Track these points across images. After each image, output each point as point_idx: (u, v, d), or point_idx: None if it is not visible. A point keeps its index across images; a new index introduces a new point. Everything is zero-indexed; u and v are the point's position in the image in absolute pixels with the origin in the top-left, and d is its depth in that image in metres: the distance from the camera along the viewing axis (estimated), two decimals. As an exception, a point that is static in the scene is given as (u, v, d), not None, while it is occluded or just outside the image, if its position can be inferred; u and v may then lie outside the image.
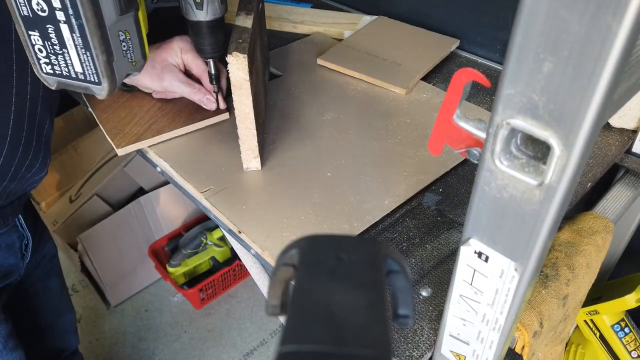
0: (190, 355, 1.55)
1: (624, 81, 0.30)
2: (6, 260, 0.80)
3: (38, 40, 0.48)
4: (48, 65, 0.50)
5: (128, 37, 0.52)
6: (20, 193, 0.77)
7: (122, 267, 1.63)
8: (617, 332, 0.94)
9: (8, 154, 0.68)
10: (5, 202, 0.74)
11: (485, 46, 1.01)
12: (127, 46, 0.52)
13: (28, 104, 0.68)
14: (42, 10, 0.45)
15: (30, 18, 0.46)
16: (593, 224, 0.73)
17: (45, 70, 0.50)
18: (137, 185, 1.64)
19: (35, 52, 0.49)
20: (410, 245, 0.63)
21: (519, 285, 0.37)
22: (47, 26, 0.46)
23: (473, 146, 0.37)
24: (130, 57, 0.54)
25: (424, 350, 0.52)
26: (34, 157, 0.73)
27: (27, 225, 0.82)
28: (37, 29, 0.47)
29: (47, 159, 0.78)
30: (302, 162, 0.73)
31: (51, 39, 0.47)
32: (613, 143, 0.80)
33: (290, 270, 0.28)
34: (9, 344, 0.81)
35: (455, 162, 0.74)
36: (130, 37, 0.52)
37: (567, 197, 0.30)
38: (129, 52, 0.53)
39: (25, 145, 0.70)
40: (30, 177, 0.75)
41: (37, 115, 0.71)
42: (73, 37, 0.47)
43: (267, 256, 0.60)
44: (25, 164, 0.72)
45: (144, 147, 0.76)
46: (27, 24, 0.47)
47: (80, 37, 0.47)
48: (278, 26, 1.10)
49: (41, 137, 0.74)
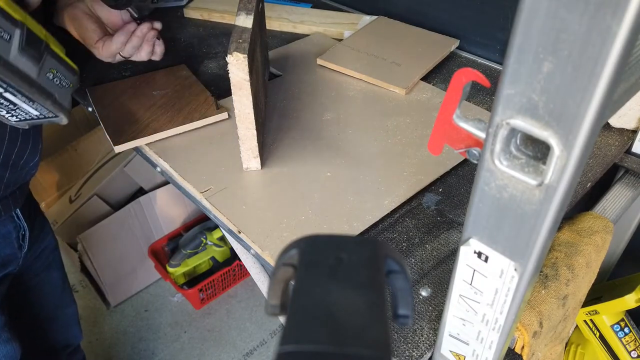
0: (190, 355, 1.55)
1: (624, 81, 0.30)
2: (3, 250, 0.80)
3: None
4: (13, 117, 0.61)
5: (56, 72, 0.62)
6: (20, 182, 0.77)
7: (122, 267, 1.63)
8: (617, 332, 0.94)
9: None
10: (5, 193, 0.75)
11: (485, 46, 1.02)
12: (59, 79, 0.63)
13: None
14: None
15: None
16: (593, 224, 0.73)
17: (13, 121, 0.62)
18: (137, 185, 1.64)
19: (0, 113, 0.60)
20: (410, 245, 0.63)
21: (518, 285, 0.37)
22: None
23: (473, 146, 0.37)
24: (66, 84, 0.64)
25: (423, 350, 0.52)
26: (24, 142, 0.74)
27: (24, 216, 0.83)
28: None
29: (38, 144, 0.79)
30: (302, 162, 0.73)
31: (3, 103, 0.58)
32: (613, 143, 0.80)
33: (290, 270, 0.28)
34: (3, 336, 0.82)
35: (455, 162, 0.74)
36: (57, 71, 0.62)
37: (566, 197, 0.30)
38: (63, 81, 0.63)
39: (11, 132, 0.71)
40: (23, 164, 0.76)
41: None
42: (18, 98, 0.58)
43: (267, 256, 0.60)
44: (14, 151, 0.73)
45: (142, 144, 0.76)
46: None
47: (23, 97, 0.58)
48: (278, 26, 1.10)
49: None
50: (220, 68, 0.96)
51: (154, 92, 0.85)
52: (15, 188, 0.77)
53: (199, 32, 1.09)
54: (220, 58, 0.99)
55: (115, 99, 0.83)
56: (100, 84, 0.88)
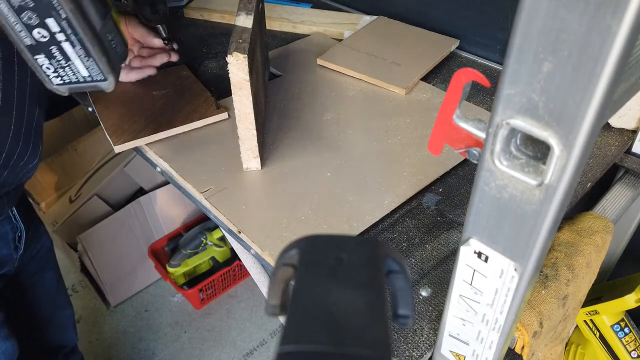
0: (190, 356, 1.55)
1: (624, 81, 0.30)
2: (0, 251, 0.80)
3: (45, 61, 0.55)
4: (57, 78, 0.57)
5: (113, 36, 0.59)
6: (16, 183, 0.77)
7: (122, 267, 1.62)
8: (617, 332, 0.94)
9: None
10: (1, 191, 0.75)
11: (485, 46, 1.01)
12: (114, 43, 0.60)
13: (16, 91, 0.69)
14: (44, 37, 0.53)
15: (34, 46, 0.53)
16: (593, 224, 0.73)
17: (56, 82, 0.57)
18: (137, 186, 1.64)
19: (44, 70, 0.56)
20: (410, 245, 0.63)
21: (518, 285, 0.37)
22: (50, 48, 0.54)
23: (473, 146, 0.37)
24: (119, 50, 0.62)
25: (423, 350, 0.52)
26: (25, 145, 0.74)
27: (21, 218, 0.83)
28: (42, 52, 0.54)
29: (39, 146, 0.79)
30: (302, 162, 0.73)
31: (56, 57, 0.54)
32: (613, 143, 0.80)
33: (290, 270, 0.28)
34: (1, 333, 0.81)
35: (455, 162, 0.74)
36: (114, 35, 0.60)
37: (566, 197, 0.30)
38: (117, 47, 0.61)
39: (14, 132, 0.71)
40: (23, 165, 0.76)
41: (25, 105, 0.72)
42: (75, 50, 0.54)
43: (267, 256, 0.60)
44: (16, 151, 0.73)
45: (141, 144, 0.76)
46: (33, 50, 0.54)
47: (81, 49, 0.54)
48: (278, 26, 1.10)
49: (31, 125, 0.75)
50: (220, 68, 0.96)
51: (154, 92, 0.85)
52: (10, 188, 0.77)
53: (199, 32, 1.09)
54: (220, 58, 0.99)
55: (115, 99, 0.83)
56: (100, 84, 0.88)
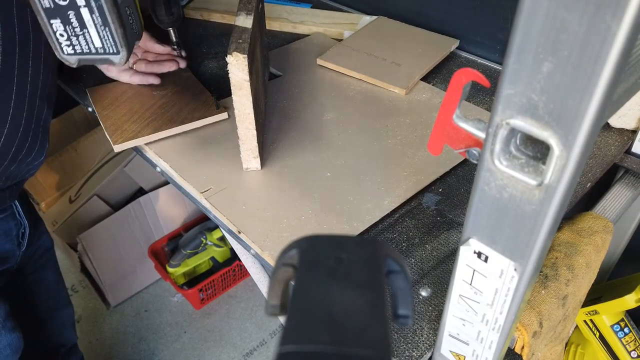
0: (190, 356, 1.55)
1: (624, 81, 0.30)
2: (3, 246, 0.80)
3: (59, 27, 0.54)
4: (69, 47, 0.56)
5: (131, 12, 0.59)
6: (19, 178, 0.78)
7: (122, 267, 1.62)
8: (616, 332, 0.94)
9: (9, 135, 0.69)
10: (4, 185, 0.75)
11: (485, 46, 1.01)
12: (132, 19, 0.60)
13: (29, 86, 0.70)
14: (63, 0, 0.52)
15: (52, 9, 0.53)
16: (592, 224, 0.73)
17: (67, 51, 0.57)
18: (136, 186, 1.64)
19: (57, 37, 0.55)
20: (409, 245, 0.63)
21: (518, 285, 0.37)
22: (67, 13, 0.53)
23: (473, 146, 0.37)
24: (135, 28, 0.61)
25: (423, 350, 0.52)
26: (33, 140, 0.75)
27: (24, 214, 0.83)
28: (58, 17, 0.53)
29: (45, 144, 0.79)
30: (302, 162, 0.73)
31: (72, 23, 0.54)
32: (613, 143, 0.80)
33: (290, 270, 0.28)
34: (7, 325, 0.82)
35: (455, 162, 0.74)
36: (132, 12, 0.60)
37: (566, 197, 0.30)
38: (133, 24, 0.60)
39: (25, 127, 0.71)
40: (30, 161, 0.76)
41: (36, 99, 0.72)
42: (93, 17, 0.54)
43: (267, 256, 0.60)
44: (25, 146, 0.73)
45: (141, 144, 0.76)
46: (49, 14, 0.53)
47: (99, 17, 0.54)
48: (278, 26, 1.10)
49: (40, 121, 0.75)
50: (220, 68, 0.96)
51: (154, 92, 0.85)
52: (12, 183, 0.77)
53: (199, 32, 1.09)
54: (220, 58, 0.99)
55: (115, 99, 0.83)
56: (100, 84, 0.88)
